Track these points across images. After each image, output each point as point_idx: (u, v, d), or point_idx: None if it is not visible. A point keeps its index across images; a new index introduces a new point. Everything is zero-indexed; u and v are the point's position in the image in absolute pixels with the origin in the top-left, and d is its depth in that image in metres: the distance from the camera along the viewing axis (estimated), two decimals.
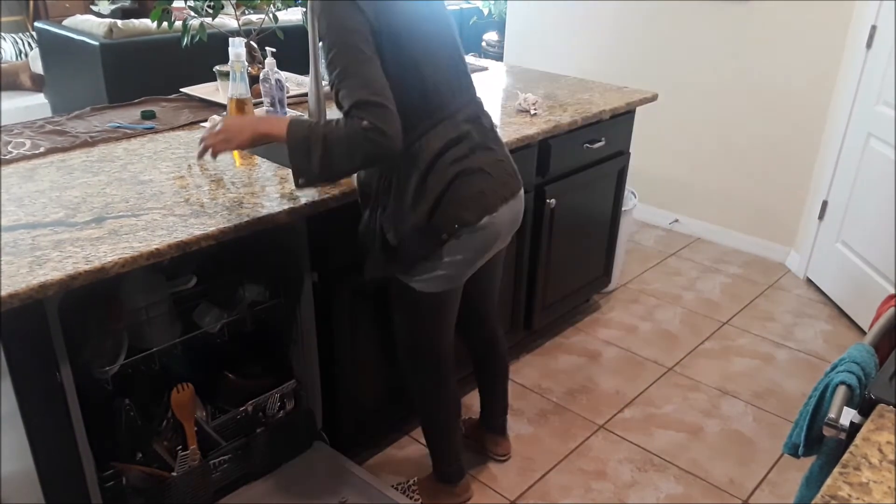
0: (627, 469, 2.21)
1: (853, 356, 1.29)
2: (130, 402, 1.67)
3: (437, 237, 1.57)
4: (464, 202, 1.57)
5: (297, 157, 1.48)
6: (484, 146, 1.63)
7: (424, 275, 1.64)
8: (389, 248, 1.62)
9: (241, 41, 2.00)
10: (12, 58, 5.30)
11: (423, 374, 1.84)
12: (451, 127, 1.57)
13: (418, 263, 1.62)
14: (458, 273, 1.66)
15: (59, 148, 1.95)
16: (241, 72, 1.98)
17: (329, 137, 1.44)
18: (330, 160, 1.45)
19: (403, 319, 1.79)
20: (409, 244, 1.59)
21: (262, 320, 1.86)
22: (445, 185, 1.55)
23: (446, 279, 1.66)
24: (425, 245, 1.59)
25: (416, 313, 1.75)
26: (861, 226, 2.96)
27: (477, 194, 1.59)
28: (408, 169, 1.55)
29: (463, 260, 1.63)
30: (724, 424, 2.42)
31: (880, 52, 2.84)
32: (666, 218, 3.93)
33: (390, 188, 1.58)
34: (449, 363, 1.84)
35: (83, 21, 3.81)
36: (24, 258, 1.35)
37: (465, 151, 1.58)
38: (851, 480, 0.91)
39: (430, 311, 1.73)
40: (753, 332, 2.97)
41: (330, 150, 1.44)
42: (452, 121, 1.58)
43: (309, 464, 1.96)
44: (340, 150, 1.43)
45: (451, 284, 1.68)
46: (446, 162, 1.56)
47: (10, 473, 1.54)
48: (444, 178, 1.55)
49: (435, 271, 1.63)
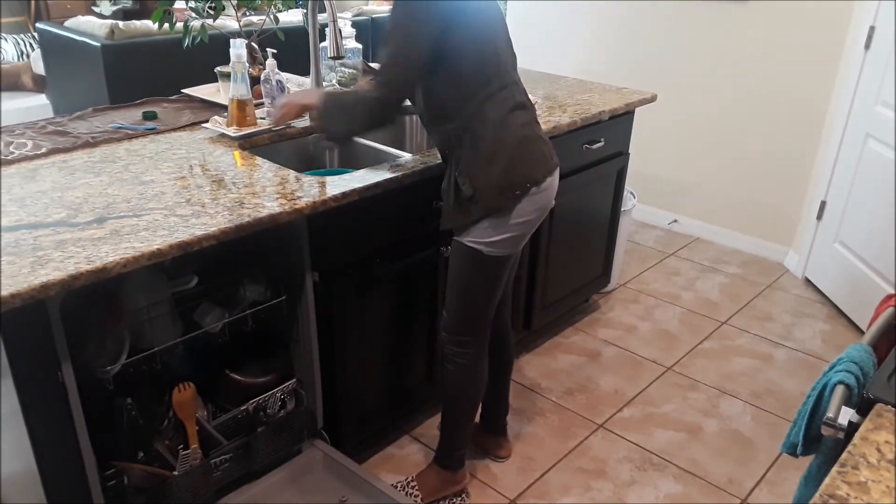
0: (627, 468, 2.22)
1: (851, 356, 1.29)
2: (132, 402, 1.68)
3: (511, 192, 1.70)
4: (533, 163, 1.74)
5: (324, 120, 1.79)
6: (536, 119, 1.82)
7: (495, 236, 1.73)
8: (464, 199, 1.73)
9: (242, 42, 2.01)
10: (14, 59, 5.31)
11: (467, 347, 1.89)
12: (517, 92, 1.76)
13: (490, 217, 1.71)
14: (523, 234, 1.78)
15: (61, 148, 1.95)
16: (243, 73, 2.01)
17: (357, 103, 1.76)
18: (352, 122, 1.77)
19: (462, 286, 1.84)
20: (482, 196, 1.70)
21: (263, 320, 1.87)
22: (517, 145, 1.71)
23: (513, 241, 1.77)
24: (499, 199, 1.70)
25: (477, 278, 1.82)
26: (859, 226, 2.96)
27: (541, 157, 1.77)
28: (480, 124, 1.69)
29: (527, 221, 1.76)
30: (723, 424, 2.43)
31: (879, 53, 2.85)
32: (665, 218, 3.93)
33: (462, 144, 1.71)
34: (487, 342, 1.93)
35: (85, 22, 3.82)
36: (26, 258, 1.35)
37: (529, 118, 1.78)
38: (850, 479, 0.91)
39: (491, 275, 1.82)
40: (752, 331, 2.98)
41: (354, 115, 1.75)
42: (517, 87, 1.77)
43: (309, 463, 1.96)
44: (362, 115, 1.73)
45: (515, 248, 1.81)
46: (517, 123, 1.73)
47: (12, 473, 1.54)
48: (516, 136, 1.71)
49: (505, 233, 1.74)
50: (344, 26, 2.65)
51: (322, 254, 1.80)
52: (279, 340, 1.97)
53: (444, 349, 1.93)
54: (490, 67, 1.70)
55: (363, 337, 2.00)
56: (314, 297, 1.83)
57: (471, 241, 1.75)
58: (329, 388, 1.97)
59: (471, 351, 1.89)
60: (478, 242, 1.75)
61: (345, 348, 1.95)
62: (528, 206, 1.73)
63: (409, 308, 2.11)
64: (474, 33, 1.68)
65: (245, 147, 2.05)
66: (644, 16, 3.69)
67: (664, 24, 3.63)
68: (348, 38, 2.66)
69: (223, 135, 2.09)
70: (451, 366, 1.92)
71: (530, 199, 1.73)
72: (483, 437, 2.23)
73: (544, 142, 1.80)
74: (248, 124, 2.09)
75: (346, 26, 2.71)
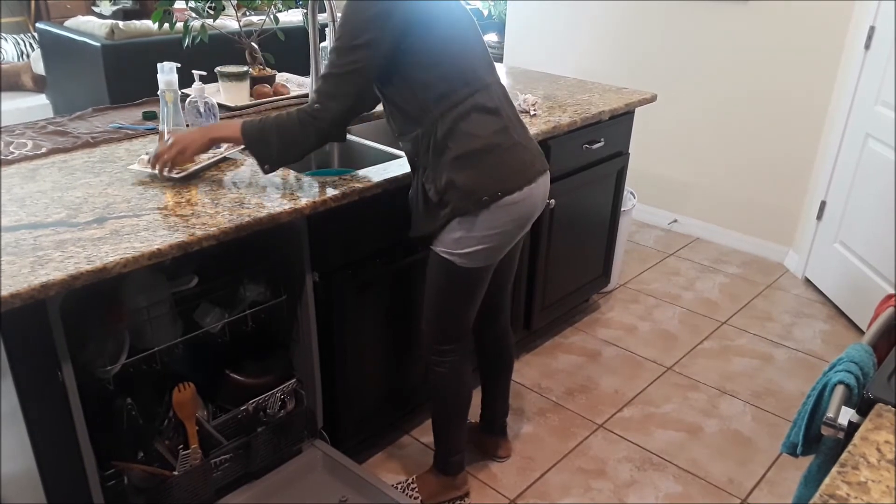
0: (627, 468, 2.22)
1: (851, 356, 1.29)
2: (132, 402, 1.68)
3: (477, 197, 1.63)
4: (505, 172, 1.65)
5: (257, 148, 1.67)
6: (517, 122, 1.74)
7: (468, 248, 1.68)
8: (431, 205, 1.68)
9: (173, 66, 1.83)
10: (14, 59, 5.31)
11: (447, 356, 1.87)
12: (487, 97, 1.67)
13: (459, 222, 1.66)
14: (499, 245, 1.72)
15: (61, 148, 1.95)
16: (174, 101, 1.82)
17: (282, 125, 1.64)
18: (286, 146, 1.65)
19: (437, 296, 1.81)
20: (449, 198, 1.64)
21: (263, 320, 1.87)
22: (486, 152, 1.64)
23: (487, 253, 1.71)
24: (465, 202, 1.63)
25: (451, 288, 1.78)
26: (859, 226, 2.96)
27: (519, 165, 1.68)
28: (446, 132, 1.62)
29: (503, 232, 1.69)
30: (723, 424, 2.43)
31: (879, 53, 2.85)
32: (665, 218, 3.93)
33: (428, 151, 1.65)
34: (468, 348, 1.91)
35: (85, 22, 3.82)
36: (26, 258, 1.35)
37: (501, 125, 1.68)
38: (850, 479, 0.91)
39: (466, 287, 1.77)
40: (752, 331, 2.98)
41: (283, 137, 1.64)
42: (488, 92, 1.68)
43: (309, 463, 1.96)
44: (291, 136, 1.64)
45: (490, 260, 1.74)
46: (487, 130, 1.64)
47: (12, 473, 1.54)
48: (484, 144, 1.64)
49: (478, 245, 1.68)
50: None
51: (322, 254, 1.80)
52: (279, 340, 1.97)
53: (425, 358, 1.90)
54: (455, 73, 1.62)
55: (363, 337, 2.00)
56: (314, 297, 1.83)
57: (443, 252, 1.71)
58: (329, 388, 1.97)
59: (452, 358, 1.86)
60: (450, 253, 1.70)
61: (345, 348, 1.95)
62: (501, 217, 1.66)
63: (409, 308, 2.11)
64: (438, 36, 1.61)
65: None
66: (644, 16, 3.69)
67: (664, 25, 3.63)
68: None
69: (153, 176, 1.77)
70: (433, 374, 1.90)
71: (503, 210, 1.65)
72: (483, 437, 2.23)
73: (523, 147, 1.70)
74: (186, 160, 1.77)
75: None
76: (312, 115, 1.62)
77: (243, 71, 2.38)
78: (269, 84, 2.47)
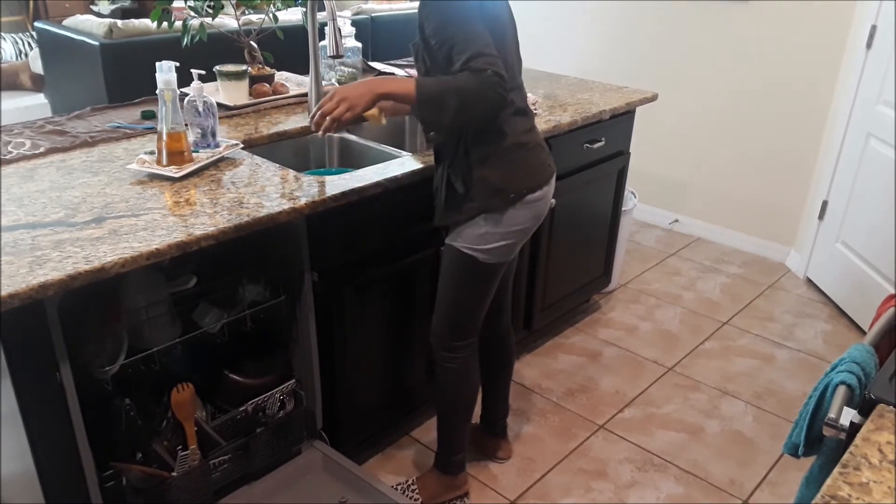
0: (627, 469, 2.21)
1: (853, 356, 1.29)
2: (130, 402, 1.67)
3: (506, 195, 1.67)
4: (530, 170, 1.71)
5: (428, 111, 1.56)
6: (535, 125, 1.79)
7: (492, 244, 1.71)
8: (457, 196, 1.70)
9: (171, 65, 1.75)
10: (12, 58, 5.30)
11: (457, 352, 1.87)
12: (520, 97, 1.72)
13: (484, 218, 1.68)
14: (518, 242, 1.77)
15: (59, 148, 1.95)
16: (173, 100, 1.74)
17: (463, 88, 1.49)
18: (463, 109, 1.52)
19: (455, 291, 1.82)
20: (476, 194, 1.67)
21: (262, 320, 1.86)
22: (516, 150, 1.68)
23: (508, 249, 1.75)
24: (493, 200, 1.67)
25: (471, 284, 1.80)
26: (861, 226, 2.96)
27: (540, 165, 1.74)
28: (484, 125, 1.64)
29: (524, 229, 1.74)
30: (725, 424, 2.42)
31: (880, 52, 2.84)
32: (666, 218, 3.93)
33: (458, 143, 1.67)
34: (477, 346, 1.92)
35: (83, 21, 3.81)
36: (24, 258, 1.35)
37: (529, 125, 1.74)
38: (851, 480, 0.90)
39: (485, 282, 1.80)
40: (753, 332, 2.97)
41: (464, 99, 1.50)
42: (521, 92, 1.73)
43: (309, 464, 1.96)
44: (474, 98, 1.50)
45: (509, 255, 1.79)
46: (518, 129, 1.69)
47: (10, 473, 1.54)
48: (514, 142, 1.67)
49: (502, 241, 1.72)
50: (343, 25, 2.65)
51: (321, 253, 1.80)
52: (278, 341, 1.96)
53: (434, 355, 1.91)
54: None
55: (363, 337, 1.99)
56: (313, 297, 1.82)
57: (466, 248, 1.73)
58: (329, 389, 1.97)
59: (463, 355, 1.88)
60: (473, 249, 1.73)
61: (344, 348, 1.94)
62: (524, 214, 1.71)
63: (409, 308, 2.10)
64: (498, 34, 1.62)
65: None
66: (645, 15, 3.69)
67: (665, 24, 3.63)
68: (348, 37, 2.66)
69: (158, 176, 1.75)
70: (442, 371, 1.90)
71: (527, 207, 1.71)
72: (483, 438, 2.23)
73: (542, 148, 1.77)
74: (187, 161, 1.79)
75: (346, 25, 2.70)
76: (497, 75, 1.47)
77: (242, 70, 2.38)
78: (269, 83, 2.46)
